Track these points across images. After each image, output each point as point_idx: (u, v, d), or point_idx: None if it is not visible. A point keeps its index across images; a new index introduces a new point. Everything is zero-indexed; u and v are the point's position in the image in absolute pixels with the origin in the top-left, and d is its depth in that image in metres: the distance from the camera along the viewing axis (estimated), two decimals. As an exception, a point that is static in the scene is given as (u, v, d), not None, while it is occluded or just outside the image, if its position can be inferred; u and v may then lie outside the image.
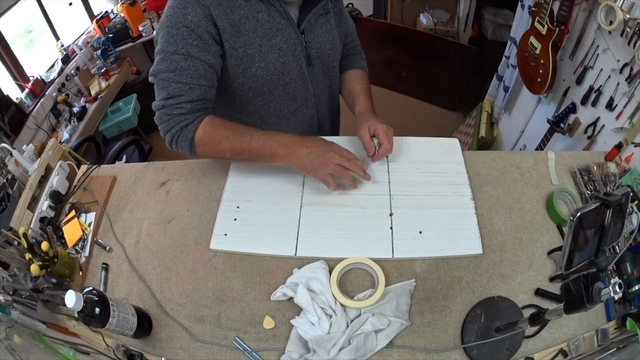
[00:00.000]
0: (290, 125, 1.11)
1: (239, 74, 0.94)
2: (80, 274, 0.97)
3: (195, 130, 0.90)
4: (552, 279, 0.87)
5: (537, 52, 1.62)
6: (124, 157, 2.51)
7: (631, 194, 0.61)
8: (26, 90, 2.54)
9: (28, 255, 0.91)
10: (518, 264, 0.90)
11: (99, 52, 2.88)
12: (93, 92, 2.81)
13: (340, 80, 1.19)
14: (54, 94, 2.66)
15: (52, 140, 1.18)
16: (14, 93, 2.50)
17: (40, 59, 2.76)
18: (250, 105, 1.03)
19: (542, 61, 1.60)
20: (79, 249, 1.01)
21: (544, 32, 1.55)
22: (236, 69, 0.93)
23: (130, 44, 3.10)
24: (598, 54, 1.36)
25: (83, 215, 1.07)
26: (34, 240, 0.95)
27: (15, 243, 0.98)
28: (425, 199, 0.99)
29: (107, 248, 1.01)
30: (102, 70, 2.89)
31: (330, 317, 0.82)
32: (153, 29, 3.01)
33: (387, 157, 1.07)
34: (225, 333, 0.85)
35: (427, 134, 1.16)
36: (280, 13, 0.91)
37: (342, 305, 0.83)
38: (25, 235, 0.92)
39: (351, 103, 1.14)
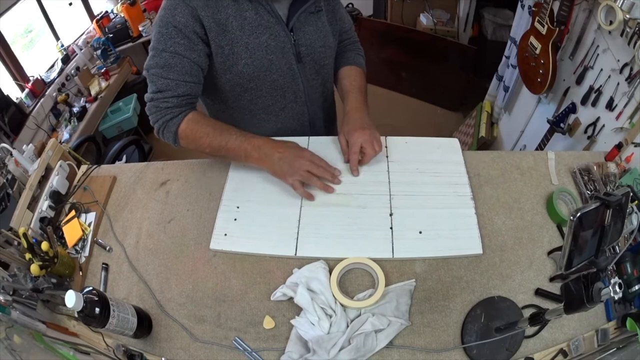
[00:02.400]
0: (280, 121, 1.12)
1: (225, 70, 0.97)
2: (80, 274, 0.97)
3: (179, 124, 0.96)
4: (552, 279, 0.87)
5: (537, 52, 1.62)
6: (124, 157, 2.51)
7: (631, 194, 0.61)
8: (26, 90, 2.54)
9: (28, 255, 0.91)
10: (518, 264, 0.90)
11: (99, 52, 2.89)
12: (93, 92, 2.81)
13: (335, 77, 1.19)
14: (54, 94, 2.66)
15: (52, 140, 1.18)
16: (14, 93, 2.50)
17: (40, 59, 2.76)
18: (239, 100, 1.06)
19: (542, 61, 1.60)
20: (79, 249, 1.01)
21: (544, 32, 1.55)
22: (223, 66, 0.97)
23: (130, 44, 3.10)
24: (598, 54, 1.36)
25: (83, 215, 1.07)
26: (34, 240, 0.95)
27: (15, 243, 0.98)
28: (425, 199, 0.99)
29: (107, 248, 1.01)
30: (102, 70, 2.89)
31: (330, 317, 0.82)
32: (153, 29, 3.01)
33: (387, 157, 1.07)
34: (225, 333, 0.85)
35: (427, 134, 1.16)
36: (267, 11, 0.94)
37: (342, 305, 0.83)
38: (25, 235, 0.92)
39: (343, 101, 1.14)
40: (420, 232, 0.93)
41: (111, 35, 2.98)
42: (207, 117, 0.99)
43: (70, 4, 2.92)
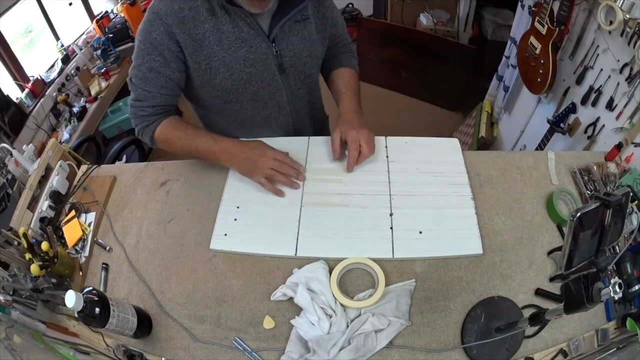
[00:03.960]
0: (265, 131, 1.14)
1: (204, 83, 1.00)
2: (80, 274, 0.97)
3: (154, 131, 1.02)
4: (552, 279, 0.87)
5: (537, 52, 1.62)
6: (124, 157, 2.51)
7: (631, 194, 0.61)
8: (26, 90, 2.54)
9: (28, 255, 0.91)
10: (518, 264, 0.90)
11: (99, 52, 2.88)
12: (93, 92, 2.81)
13: (329, 79, 1.19)
14: (54, 94, 2.66)
15: (52, 140, 1.18)
16: (14, 93, 2.50)
17: (40, 59, 2.76)
18: (222, 110, 1.09)
19: (542, 61, 1.60)
20: (79, 249, 1.01)
21: (544, 32, 1.55)
22: (201, 80, 0.99)
23: (130, 44, 3.10)
24: (598, 54, 1.36)
25: (83, 215, 1.07)
26: (34, 240, 0.95)
27: (15, 243, 0.98)
28: (425, 199, 0.99)
29: (107, 248, 1.01)
30: (102, 70, 2.89)
31: (330, 317, 0.82)
32: (153, 29, 3.00)
33: (387, 157, 1.07)
34: (225, 333, 0.85)
35: (427, 134, 1.16)
36: (247, 24, 0.92)
37: (342, 305, 0.83)
38: (25, 235, 0.92)
39: (337, 103, 1.13)
40: (420, 232, 0.93)
41: (111, 35, 2.98)
42: (181, 121, 1.03)
43: (70, 4, 2.92)
